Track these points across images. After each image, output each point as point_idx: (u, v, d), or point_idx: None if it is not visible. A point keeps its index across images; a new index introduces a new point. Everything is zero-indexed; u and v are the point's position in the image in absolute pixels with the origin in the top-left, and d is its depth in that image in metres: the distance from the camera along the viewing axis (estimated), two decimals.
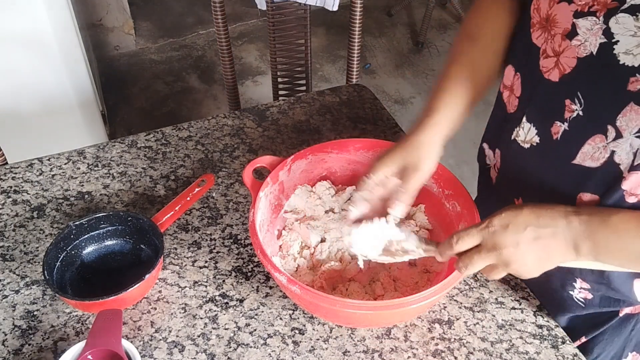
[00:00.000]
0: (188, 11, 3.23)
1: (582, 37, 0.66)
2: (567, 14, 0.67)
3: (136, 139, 1.12)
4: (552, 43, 0.70)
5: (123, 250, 0.91)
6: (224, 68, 1.39)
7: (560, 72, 0.70)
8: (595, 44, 0.65)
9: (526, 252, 0.64)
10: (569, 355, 0.79)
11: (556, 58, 0.70)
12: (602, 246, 0.63)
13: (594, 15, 0.64)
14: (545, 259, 0.66)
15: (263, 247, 0.76)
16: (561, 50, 0.69)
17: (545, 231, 0.64)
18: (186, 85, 2.77)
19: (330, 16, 2.31)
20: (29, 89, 1.78)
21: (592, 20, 0.64)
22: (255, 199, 0.82)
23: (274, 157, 0.90)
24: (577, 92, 0.68)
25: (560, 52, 0.69)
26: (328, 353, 0.79)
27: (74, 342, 0.79)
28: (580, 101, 0.68)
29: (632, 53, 0.61)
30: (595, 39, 0.64)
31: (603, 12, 0.63)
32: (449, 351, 0.79)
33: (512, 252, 0.64)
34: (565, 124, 0.71)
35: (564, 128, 0.71)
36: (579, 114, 0.69)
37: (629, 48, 0.61)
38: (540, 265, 0.66)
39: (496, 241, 0.65)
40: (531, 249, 0.64)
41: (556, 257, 0.66)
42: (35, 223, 0.95)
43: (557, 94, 0.71)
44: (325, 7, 1.44)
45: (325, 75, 2.87)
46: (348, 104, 1.22)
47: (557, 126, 0.72)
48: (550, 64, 0.71)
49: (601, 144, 0.68)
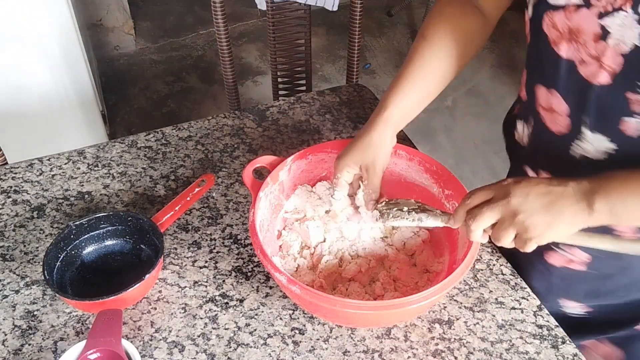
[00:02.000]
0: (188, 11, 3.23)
1: (618, 34, 0.64)
2: (591, 18, 0.66)
3: (136, 139, 1.12)
4: (587, 49, 0.68)
5: (123, 250, 0.91)
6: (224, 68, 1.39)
7: (610, 72, 0.68)
8: (634, 35, 0.63)
9: (534, 201, 0.63)
10: (569, 355, 0.79)
11: (597, 62, 0.68)
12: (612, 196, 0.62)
13: (620, 10, 0.63)
14: (553, 210, 0.63)
15: (263, 247, 0.76)
16: (599, 53, 0.67)
17: (556, 189, 0.63)
18: (186, 85, 2.77)
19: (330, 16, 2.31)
20: (29, 89, 1.78)
21: (620, 16, 0.63)
22: (255, 198, 0.82)
23: (274, 157, 0.90)
24: (635, 82, 0.66)
25: (600, 55, 0.67)
26: (328, 353, 0.79)
27: (74, 342, 0.79)
28: None
29: None
30: (632, 32, 0.63)
31: (630, 4, 0.62)
32: (449, 351, 0.79)
33: (521, 202, 0.63)
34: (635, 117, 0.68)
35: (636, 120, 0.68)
36: None
37: None
38: (549, 218, 0.64)
39: (507, 190, 0.64)
40: (539, 199, 0.63)
41: (566, 211, 0.63)
42: (35, 223, 0.95)
43: (614, 93, 0.69)
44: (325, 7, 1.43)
45: (325, 75, 2.87)
46: (348, 104, 1.22)
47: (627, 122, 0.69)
48: (593, 70, 0.69)
49: None
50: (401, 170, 0.93)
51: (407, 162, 0.91)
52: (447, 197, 0.87)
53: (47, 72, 1.77)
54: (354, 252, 0.88)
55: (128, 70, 2.85)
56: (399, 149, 0.91)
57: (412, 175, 0.92)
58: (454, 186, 0.85)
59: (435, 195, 0.89)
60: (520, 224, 0.64)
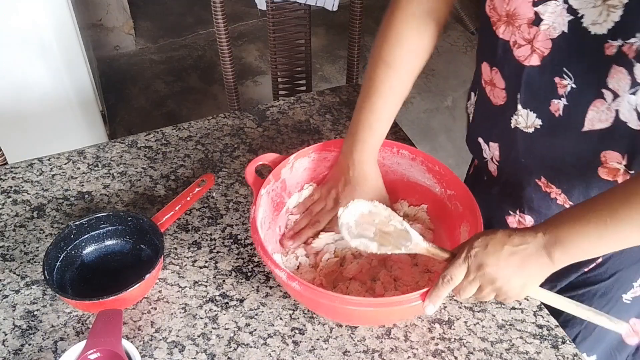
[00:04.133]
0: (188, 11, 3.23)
1: (549, 21, 0.70)
2: (526, 5, 0.72)
3: (136, 139, 1.12)
4: (521, 33, 0.74)
5: (123, 250, 0.91)
6: (224, 68, 1.39)
7: (539, 55, 0.74)
8: (564, 23, 0.69)
9: (506, 268, 0.68)
10: (569, 355, 0.79)
11: (530, 45, 0.74)
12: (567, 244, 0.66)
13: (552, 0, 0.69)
14: (524, 273, 0.68)
15: (264, 244, 0.76)
16: (532, 36, 0.73)
17: (519, 248, 0.68)
18: (186, 85, 2.77)
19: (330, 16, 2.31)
20: (29, 89, 1.78)
21: (552, 5, 0.69)
22: (256, 196, 0.82)
23: (276, 155, 0.90)
24: (562, 68, 0.73)
25: (533, 39, 0.73)
26: (328, 353, 0.79)
27: (74, 342, 0.79)
28: (569, 75, 0.73)
29: (599, 22, 0.66)
30: (562, 19, 0.69)
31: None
32: (449, 351, 0.79)
33: (494, 270, 0.68)
34: (562, 99, 0.75)
35: (563, 103, 0.75)
36: (573, 86, 0.73)
37: (594, 19, 0.66)
38: (522, 280, 0.69)
39: (479, 262, 0.69)
40: (510, 264, 0.68)
41: (533, 269, 0.68)
42: (35, 223, 0.95)
43: (544, 75, 0.75)
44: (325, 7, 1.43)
45: (325, 75, 2.86)
46: (348, 104, 1.22)
47: (555, 104, 0.76)
48: (526, 52, 0.75)
49: (603, 106, 0.72)
50: (404, 170, 0.93)
51: (410, 161, 0.91)
52: (449, 198, 0.87)
53: (47, 72, 1.77)
54: (356, 252, 0.88)
55: (128, 70, 2.85)
56: (402, 148, 0.91)
57: (415, 175, 0.92)
58: (457, 186, 0.85)
59: (438, 195, 0.89)
60: (499, 289, 0.70)
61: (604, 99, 0.71)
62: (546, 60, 0.74)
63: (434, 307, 0.72)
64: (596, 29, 0.66)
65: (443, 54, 2.99)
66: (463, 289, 0.71)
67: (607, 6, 0.64)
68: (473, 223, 0.80)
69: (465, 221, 0.83)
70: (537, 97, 0.78)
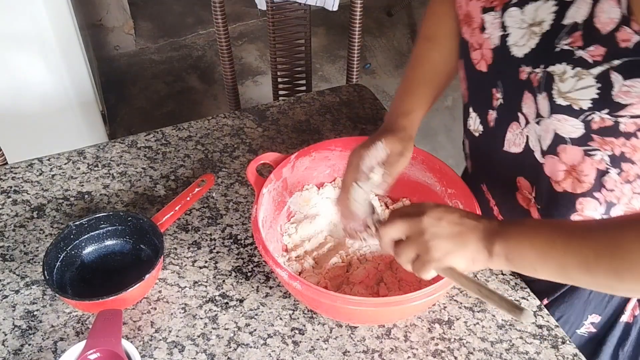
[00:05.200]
0: (188, 11, 3.23)
1: (489, 31, 0.71)
2: (477, 9, 0.72)
3: (136, 139, 1.11)
4: (475, 36, 0.75)
5: (123, 250, 0.91)
6: (224, 68, 1.39)
7: (486, 62, 0.74)
8: (497, 36, 0.70)
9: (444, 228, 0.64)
10: (569, 355, 0.79)
11: (480, 50, 0.75)
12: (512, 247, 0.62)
13: (493, 10, 0.69)
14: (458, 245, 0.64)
15: (265, 243, 0.76)
16: (481, 42, 0.74)
17: (468, 222, 0.64)
18: (186, 85, 2.77)
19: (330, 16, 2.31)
20: (29, 89, 1.78)
21: (493, 15, 0.70)
22: (258, 195, 0.82)
23: (277, 154, 0.90)
24: (497, 81, 0.73)
25: (482, 44, 0.74)
26: (328, 353, 0.79)
27: (74, 342, 0.79)
28: (501, 89, 0.73)
29: (518, 44, 0.67)
30: (496, 32, 0.70)
31: (500, 7, 0.68)
32: (449, 351, 0.79)
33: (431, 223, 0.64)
34: (494, 111, 0.76)
35: (495, 116, 0.76)
36: (501, 102, 0.74)
37: (516, 40, 0.67)
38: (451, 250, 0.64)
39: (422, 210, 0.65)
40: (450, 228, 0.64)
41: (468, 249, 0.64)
42: (35, 223, 0.95)
43: (486, 84, 0.76)
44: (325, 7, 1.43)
45: (325, 75, 2.86)
46: (348, 104, 1.22)
47: (491, 114, 0.77)
48: (478, 56, 0.76)
49: (517, 130, 0.73)
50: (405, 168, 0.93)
51: (411, 160, 0.91)
52: (449, 196, 0.87)
53: (47, 72, 1.77)
54: (361, 256, 0.88)
55: (128, 70, 2.85)
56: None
57: (416, 174, 0.92)
58: (457, 185, 0.86)
59: (439, 194, 0.89)
60: (424, 243, 0.65)
61: (519, 123, 0.72)
62: (490, 69, 0.74)
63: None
64: (515, 50, 0.67)
65: None
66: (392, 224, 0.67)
67: (530, 31, 0.65)
68: None
69: None
70: (481, 102, 0.79)
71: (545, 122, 0.68)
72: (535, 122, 0.69)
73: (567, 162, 0.71)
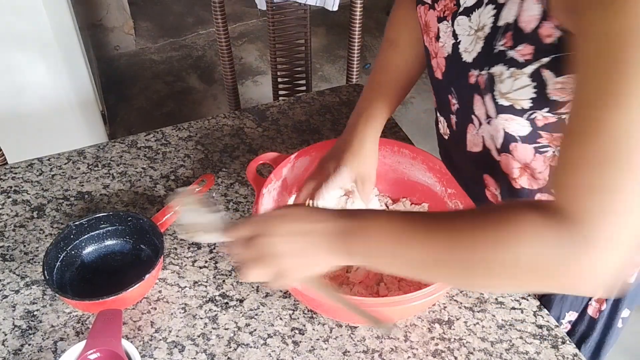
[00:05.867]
0: (188, 11, 3.23)
1: (443, 39, 0.73)
2: (433, 19, 0.74)
3: (136, 139, 1.12)
4: (432, 45, 0.76)
5: (123, 250, 0.91)
6: (224, 68, 1.39)
7: (441, 71, 0.76)
8: (450, 44, 0.71)
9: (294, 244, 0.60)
10: (569, 355, 0.79)
11: (436, 58, 0.76)
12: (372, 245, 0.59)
13: (446, 19, 0.71)
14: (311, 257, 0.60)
15: None
16: (437, 51, 0.75)
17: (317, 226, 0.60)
18: (186, 85, 2.77)
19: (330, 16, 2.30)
20: (29, 89, 1.78)
21: (445, 24, 0.71)
22: (258, 195, 0.83)
23: (277, 154, 0.90)
24: (451, 87, 0.75)
25: (437, 53, 0.76)
26: (328, 353, 0.79)
27: (74, 342, 0.79)
28: (455, 95, 0.75)
29: (468, 50, 0.68)
30: (449, 40, 0.71)
31: (450, 16, 0.70)
32: (449, 351, 0.79)
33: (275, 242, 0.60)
34: (454, 115, 0.78)
35: (455, 119, 0.79)
36: (457, 106, 0.76)
37: (466, 46, 0.68)
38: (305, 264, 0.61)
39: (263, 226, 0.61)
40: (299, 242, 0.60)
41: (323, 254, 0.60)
42: (35, 223, 0.95)
43: (443, 91, 0.78)
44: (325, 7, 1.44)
45: (325, 75, 2.86)
46: (348, 104, 1.22)
47: (452, 118, 0.79)
48: (435, 64, 0.78)
49: (474, 131, 0.75)
50: (404, 168, 0.93)
51: (411, 160, 0.91)
52: (449, 196, 0.87)
53: (47, 72, 1.77)
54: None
55: (128, 70, 2.85)
56: (403, 147, 0.91)
57: (416, 174, 0.92)
58: (457, 185, 0.86)
59: (439, 194, 0.89)
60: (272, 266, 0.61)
61: (474, 124, 0.74)
62: (444, 77, 0.76)
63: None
64: (466, 56, 0.68)
65: None
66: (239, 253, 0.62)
67: (476, 37, 0.66)
68: None
69: None
70: (444, 108, 0.81)
71: (494, 122, 0.70)
72: (487, 123, 0.71)
73: (520, 160, 0.73)
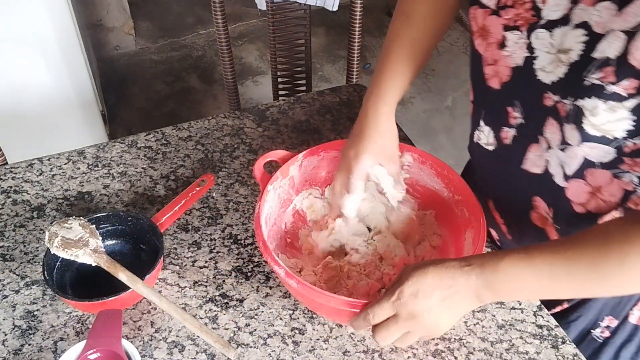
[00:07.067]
0: (188, 11, 3.23)
1: (511, 49, 0.68)
2: (497, 26, 0.70)
3: (136, 139, 1.12)
4: (491, 51, 0.72)
5: (123, 250, 0.91)
6: (224, 68, 1.39)
7: (499, 80, 0.72)
8: (521, 56, 0.67)
9: (438, 315, 0.65)
10: (569, 355, 0.79)
11: (495, 66, 0.72)
12: (500, 292, 0.64)
13: (518, 29, 0.67)
14: (454, 315, 0.67)
15: (265, 240, 0.76)
16: (498, 59, 0.71)
17: (449, 291, 0.65)
18: (186, 85, 2.77)
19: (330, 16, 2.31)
20: (29, 89, 1.78)
21: (517, 34, 0.67)
22: (263, 191, 0.83)
23: (286, 152, 0.90)
24: (514, 100, 0.71)
25: (498, 61, 0.71)
26: (328, 353, 0.79)
27: (74, 342, 0.79)
28: (520, 109, 0.71)
29: (546, 70, 0.64)
30: (521, 52, 0.67)
31: (526, 27, 0.66)
32: (449, 351, 0.79)
33: (426, 318, 0.65)
34: (512, 129, 0.73)
35: (513, 134, 0.73)
36: (522, 122, 0.71)
37: (544, 65, 0.64)
38: (451, 322, 0.68)
39: (410, 310, 0.65)
40: (442, 311, 0.65)
41: (462, 309, 0.67)
42: (35, 223, 0.95)
43: (500, 101, 0.73)
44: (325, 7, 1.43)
45: (325, 75, 2.87)
46: (348, 104, 1.22)
47: (505, 131, 0.74)
48: (491, 71, 0.73)
49: (538, 152, 0.71)
50: (413, 173, 0.92)
51: (419, 165, 0.90)
52: (456, 203, 0.86)
53: (47, 72, 1.77)
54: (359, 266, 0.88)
55: (128, 70, 2.85)
56: (411, 151, 0.90)
57: (424, 179, 0.91)
58: (464, 192, 0.84)
59: (446, 200, 0.88)
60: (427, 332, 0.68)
61: (539, 145, 0.70)
62: (504, 87, 0.72)
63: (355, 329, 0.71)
64: (542, 75, 0.65)
65: (443, 54, 2.99)
66: (391, 334, 0.68)
67: (558, 58, 0.63)
68: (477, 230, 0.79)
69: (470, 227, 0.82)
70: (494, 118, 0.77)
71: (573, 149, 0.66)
72: (560, 149, 0.67)
73: (592, 185, 0.70)
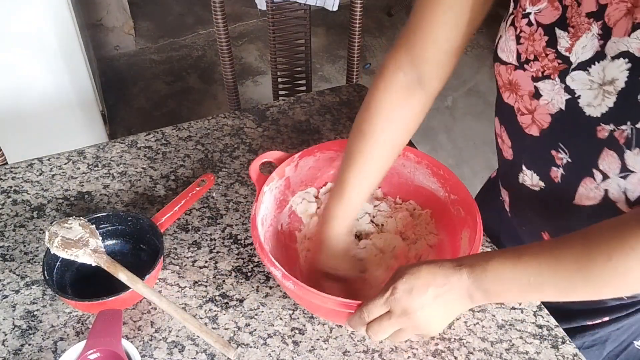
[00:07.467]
0: (188, 11, 3.23)
1: (548, 97, 0.70)
2: (526, 79, 0.72)
3: (136, 139, 1.12)
4: (523, 102, 0.74)
5: (123, 250, 0.91)
6: (224, 68, 1.39)
7: (538, 127, 0.74)
8: (561, 101, 0.69)
9: (431, 312, 0.67)
10: (569, 355, 0.79)
11: (531, 115, 0.74)
12: (490, 292, 0.66)
13: (549, 78, 0.69)
14: (447, 314, 0.69)
15: (261, 241, 0.76)
16: (533, 108, 0.73)
17: (443, 289, 0.67)
18: (186, 85, 2.77)
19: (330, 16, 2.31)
20: (29, 89, 1.78)
21: (550, 83, 0.69)
22: (259, 192, 0.82)
23: (281, 153, 0.90)
24: (558, 143, 0.73)
25: (534, 110, 0.73)
26: (328, 353, 0.79)
27: (74, 342, 0.79)
28: (564, 150, 0.73)
29: (593, 105, 0.66)
30: (560, 97, 0.69)
31: (556, 74, 0.68)
32: (449, 351, 0.79)
33: (419, 315, 0.67)
34: (560, 169, 0.75)
35: (561, 172, 0.75)
36: (568, 160, 0.73)
37: (589, 101, 0.66)
38: (444, 320, 0.70)
39: (404, 306, 0.67)
40: (435, 308, 0.67)
41: (455, 309, 0.69)
42: (35, 223, 0.95)
43: (542, 146, 0.75)
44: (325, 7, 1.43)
45: (325, 75, 2.87)
46: (348, 104, 1.22)
47: (555, 171, 0.76)
48: (527, 120, 0.75)
49: (592, 185, 0.71)
50: (409, 172, 0.92)
51: (415, 164, 0.90)
52: (452, 202, 0.86)
53: (47, 72, 1.77)
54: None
55: (128, 70, 2.85)
56: (407, 151, 0.90)
57: (420, 179, 0.91)
58: (460, 191, 0.85)
59: (442, 199, 0.89)
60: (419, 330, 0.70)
61: (594, 179, 0.71)
62: (544, 133, 0.74)
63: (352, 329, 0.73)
64: (590, 110, 0.66)
65: None
66: (383, 330, 0.70)
67: (603, 91, 0.64)
68: (472, 230, 0.79)
69: (466, 227, 0.82)
70: (537, 162, 0.78)
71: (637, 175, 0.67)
72: (620, 177, 0.68)
73: None
